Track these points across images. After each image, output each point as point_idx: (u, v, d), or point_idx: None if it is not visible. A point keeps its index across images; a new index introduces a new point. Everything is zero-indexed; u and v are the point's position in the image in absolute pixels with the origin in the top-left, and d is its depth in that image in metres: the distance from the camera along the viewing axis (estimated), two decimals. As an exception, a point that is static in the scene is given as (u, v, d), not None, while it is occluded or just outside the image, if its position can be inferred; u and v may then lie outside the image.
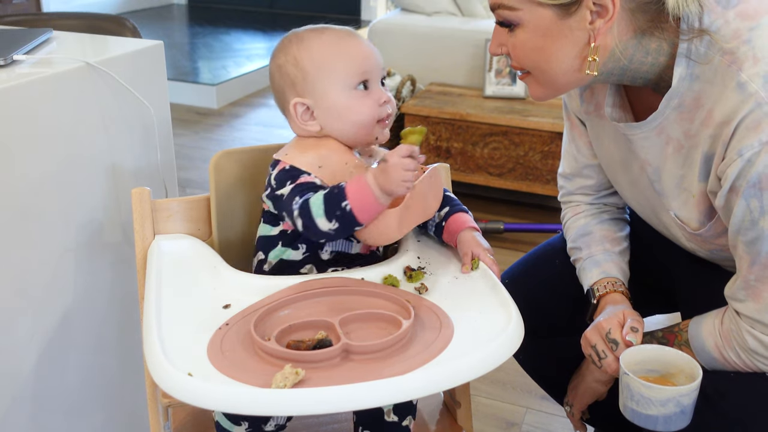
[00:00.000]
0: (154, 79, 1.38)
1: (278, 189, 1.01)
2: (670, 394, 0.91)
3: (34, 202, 1.16)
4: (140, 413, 1.45)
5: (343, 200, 0.93)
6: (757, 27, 0.87)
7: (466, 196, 2.81)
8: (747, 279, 0.92)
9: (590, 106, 1.12)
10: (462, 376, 0.81)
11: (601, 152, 1.15)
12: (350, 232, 0.97)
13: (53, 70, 1.17)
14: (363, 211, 0.93)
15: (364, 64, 1.02)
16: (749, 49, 0.86)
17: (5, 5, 4.62)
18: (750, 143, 0.84)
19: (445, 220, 1.09)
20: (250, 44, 5.28)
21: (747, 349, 0.94)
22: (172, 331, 0.88)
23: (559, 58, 0.93)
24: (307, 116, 1.04)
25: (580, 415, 1.21)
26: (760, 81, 0.84)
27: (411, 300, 0.93)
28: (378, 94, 1.03)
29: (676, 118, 0.95)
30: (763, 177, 0.84)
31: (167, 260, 1.05)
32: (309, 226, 0.95)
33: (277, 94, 1.08)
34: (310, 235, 0.97)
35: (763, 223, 0.86)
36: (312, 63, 1.02)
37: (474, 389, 1.61)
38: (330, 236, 0.96)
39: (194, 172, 3.20)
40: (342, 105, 1.02)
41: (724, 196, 0.90)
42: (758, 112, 0.84)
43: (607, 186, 1.21)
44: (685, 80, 0.92)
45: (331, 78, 1.01)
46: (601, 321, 1.04)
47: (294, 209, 0.96)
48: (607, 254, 1.17)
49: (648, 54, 0.93)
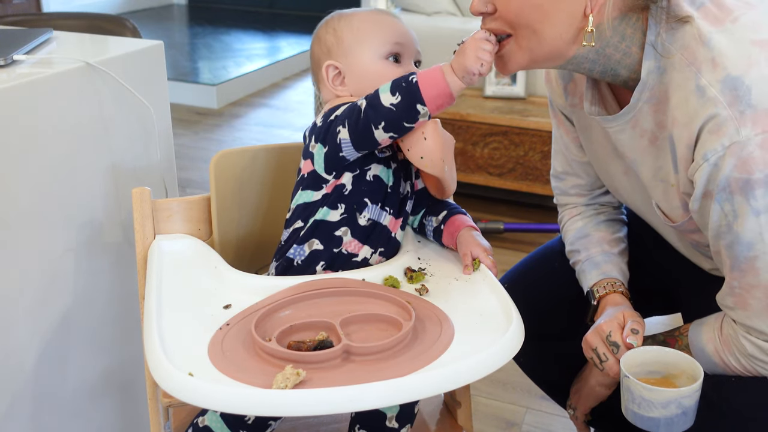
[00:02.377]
0: (154, 79, 1.38)
1: (328, 118, 1.00)
2: (671, 396, 0.91)
3: (34, 202, 1.16)
4: (140, 413, 1.45)
5: (412, 75, 0.94)
6: (718, 32, 0.88)
7: (466, 196, 2.81)
8: (731, 285, 0.92)
9: (575, 99, 1.12)
10: (463, 378, 0.80)
11: (589, 146, 1.15)
12: (412, 111, 0.93)
13: (53, 70, 1.17)
14: (428, 86, 0.93)
15: (398, 37, 1.06)
16: (708, 51, 0.87)
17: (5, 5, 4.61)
18: (713, 147, 0.85)
19: (444, 222, 1.09)
20: (250, 44, 5.28)
21: (746, 355, 0.94)
22: (172, 331, 0.88)
23: (555, 21, 0.91)
24: (338, 81, 1.07)
25: (584, 418, 1.21)
26: (718, 86, 0.85)
27: (411, 301, 0.93)
28: (409, 68, 1.06)
29: (648, 110, 0.96)
30: (731, 180, 0.85)
31: (168, 260, 1.05)
32: (373, 103, 0.94)
33: (313, 65, 1.11)
34: (369, 123, 0.95)
35: (737, 227, 0.87)
36: (350, 30, 1.06)
37: (474, 389, 1.62)
38: (390, 115, 0.94)
39: (194, 172, 3.20)
40: (372, 72, 1.05)
41: (698, 200, 0.90)
42: (718, 118, 0.85)
43: (600, 185, 1.21)
44: (653, 73, 0.93)
45: (365, 44, 1.05)
46: (601, 324, 1.04)
47: (356, 102, 0.97)
48: (606, 255, 1.17)
49: (623, 39, 0.93)
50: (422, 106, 0.93)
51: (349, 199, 1.02)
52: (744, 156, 0.83)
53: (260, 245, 1.22)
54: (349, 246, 1.02)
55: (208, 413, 1.02)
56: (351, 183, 1.02)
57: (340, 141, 0.98)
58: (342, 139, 0.98)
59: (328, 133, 1.00)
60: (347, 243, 1.02)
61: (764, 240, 0.86)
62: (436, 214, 1.11)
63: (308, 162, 1.03)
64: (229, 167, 1.16)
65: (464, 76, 0.93)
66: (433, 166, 0.98)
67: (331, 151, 1.00)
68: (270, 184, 1.21)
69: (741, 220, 0.86)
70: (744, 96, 0.83)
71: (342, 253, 1.02)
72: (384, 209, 1.04)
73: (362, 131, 0.96)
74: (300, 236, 1.03)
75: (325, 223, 1.02)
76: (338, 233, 1.02)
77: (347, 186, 1.02)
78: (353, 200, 1.02)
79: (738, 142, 0.83)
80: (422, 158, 0.98)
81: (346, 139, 0.98)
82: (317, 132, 1.02)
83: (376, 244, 1.04)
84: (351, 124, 0.97)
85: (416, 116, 0.94)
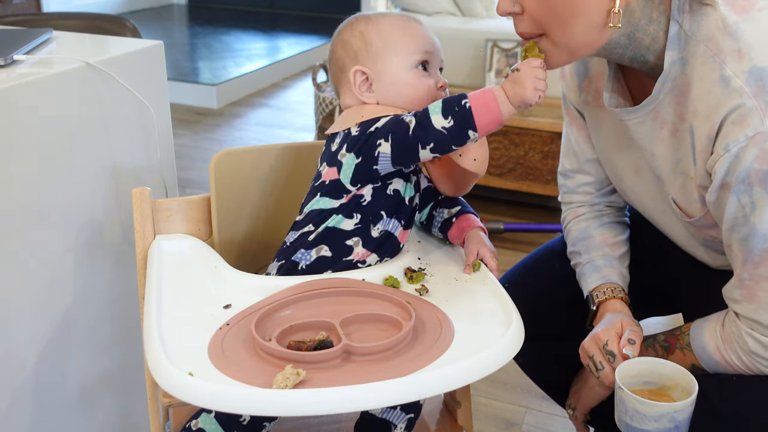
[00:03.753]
0: (154, 79, 1.38)
1: (367, 129, 0.99)
2: (664, 410, 0.90)
3: (35, 201, 1.16)
4: (140, 413, 1.45)
5: (464, 98, 0.93)
6: (744, 21, 0.87)
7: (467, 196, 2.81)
8: (741, 278, 0.92)
9: (589, 96, 1.12)
10: (463, 378, 0.80)
11: (599, 143, 1.15)
12: (462, 136, 0.93)
13: (53, 70, 1.17)
14: (481, 112, 0.92)
15: (427, 45, 1.05)
16: (734, 42, 0.87)
17: (5, 5, 4.62)
18: (736, 138, 0.85)
19: (457, 216, 1.09)
20: (250, 44, 5.28)
21: (748, 352, 0.94)
22: (172, 331, 0.88)
23: (583, 10, 0.90)
24: (365, 86, 1.05)
25: (584, 418, 1.21)
26: (744, 77, 0.85)
27: (412, 301, 0.93)
28: (437, 77, 1.06)
29: (670, 101, 0.95)
30: (751, 172, 0.84)
31: (167, 260, 1.05)
32: (423, 125, 0.94)
33: (334, 67, 1.09)
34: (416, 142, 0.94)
35: (754, 218, 0.87)
36: (379, 36, 1.04)
37: (474, 389, 1.62)
38: (441, 138, 0.93)
39: (194, 172, 3.20)
40: (402, 80, 1.04)
41: (715, 192, 0.90)
42: (743, 108, 0.84)
43: (607, 183, 1.21)
44: (676, 64, 0.92)
45: (395, 52, 1.04)
46: (598, 332, 1.04)
47: (404, 117, 0.96)
48: (607, 259, 1.16)
49: (650, 22, 0.92)
50: (474, 132, 0.93)
51: (366, 210, 1.02)
52: (767, 147, 0.83)
53: (260, 245, 1.22)
54: (357, 255, 1.02)
55: (202, 416, 1.01)
56: (371, 195, 1.01)
57: (378, 154, 0.97)
58: (381, 152, 0.97)
59: (366, 144, 0.98)
60: (357, 253, 1.02)
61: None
62: (449, 207, 1.11)
63: (333, 170, 1.02)
64: (229, 167, 1.16)
65: (520, 105, 0.93)
66: (482, 168, 1.01)
67: (365, 163, 0.99)
68: (270, 184, 1.21)
69: (759, 212, 0.86)
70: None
71: (350, 262, 1.02)
72: (398, 221, 1.04)
73: (407, 148, 0.96)
74: (308, 240, 1.02)
75: (337, 231, 1.02)
76: (350, 242, 1.02)
77: (366, 197, 1.01)
78: (370, 211, 1.02)
79: (762, 132, 0.83)
80: (475, 160, 0.99)
81: (386, 153, 0.97)
82: (351, 141, 1.00)
83: (383, 254, 1.04)
84: (396, 140, 0.96)
85: (466, 140, 0.94)
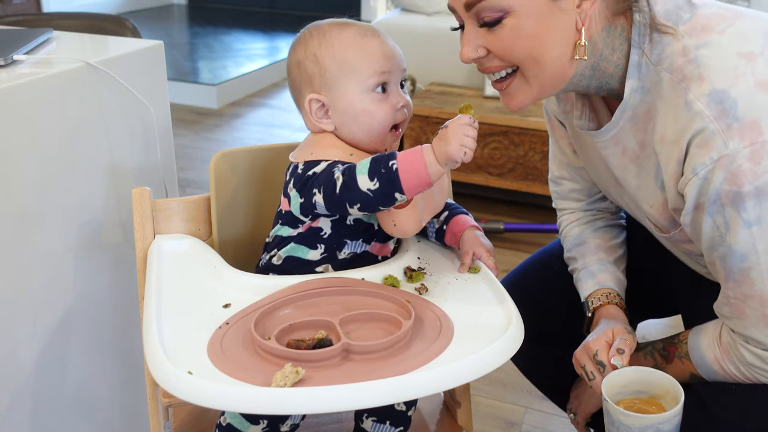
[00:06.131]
0: (154, 79, 1.38)
1: (308, 170, 0.97)
2: (647, 422, 0.90)
3: (34, 202, 1.16)
4: (140, 413, 1.45)
5: (391, 159, 0.90)
6: (703, 45, 0.88)
7: (466, 196, 2.81)
8: (727, 296, 0.92)
9: (567, 105, 1.12)
10: (462, 377, 0.81)
11: (582, 153, 1.15)
12: (389, 198, 0.91)
13: (53, 70, 1.17)
14: (409, 175, 0.89)
15: (384, 65, 1.00)
16: (695, 68, 0.87)
17: (5, 5, 4.62)
18: (702, 162, 0.86)
19: (446, 223, 1.09)
20: (250, 44, 5.28)
21: (745, 363, 0.94)
22: (172, 331, 0.88)
23: (552, 44, 0.90)
24: (322, 113, 1.02)
25: (585, 422, 1.21)
26: (705, 100, 0.85)
27: (411, 300, 0.93)
28: (396, 98, 1.02)
29: (630, 129, 0.96)
30: (721, 193, 0.85)
31: (167, 260, 1.05)
32: (349, 185, 0.91)
33: (293, 90, 1.06)
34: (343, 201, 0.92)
35: (729, 238, 0.87)
36: (332, 60, 1.00)
37: (474, 389, 1.62)
38: (366, 199, 0.91)
39: (194, 172, 3.20)
40: (358, 108, 1.00)
41: (689, 214, 0.90)
42: (706, 132, 0.85)
43: (597, 190, 1.21)
44: (636, 92, 0.93)
45: (349, 77, 0.99)
46: (589, 342, 1.04)
47: (335, 171, 0.93)
48: (602, 264, 1.16)
49: (614, 51, 0.93)
50: (401, 195, 0.90)
51: (329, 241, 1.01)
52: (733, 169, 0.83)
53: (260, 245, 1.21)
54: None
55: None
56: (330, 228, 1.01)
57: (315, 202, 0.96)
58: (317, 201, 0.96)
59: (305, 187, 0.97)
60: None
61: (757, 251, 0.86)
62: (437, 216, 1.10)
63: (285, 201, 1.02)
64: (229, 167, 1.16)
65: (447, 163, 0.89)
66: (408, 231, 0.98)
67: (306, 204, 0.98)
68: (270, 184, 1.21)
69: (733, 232, 0.86)
70: (730, 109, 0.84)
71: None
72: (367, 243, 1.03)
73: (336, 204, 0.94)
74: (276, 265, 1.03)
75: (305, 261, 1.02)
76: (320, 269, 1.02)
77: (325, 230, 1.01)
78: (332, 242, 1.01)
79: (726, 155, 0.83)
80: (395, 225, 0.98)
81: (320, 203, 0.95)
82: (297, 179, 0.99)
83: (361, 266, 1.03)
84: (326, 194, 0.94)
85: (394, 202, 0.91)
